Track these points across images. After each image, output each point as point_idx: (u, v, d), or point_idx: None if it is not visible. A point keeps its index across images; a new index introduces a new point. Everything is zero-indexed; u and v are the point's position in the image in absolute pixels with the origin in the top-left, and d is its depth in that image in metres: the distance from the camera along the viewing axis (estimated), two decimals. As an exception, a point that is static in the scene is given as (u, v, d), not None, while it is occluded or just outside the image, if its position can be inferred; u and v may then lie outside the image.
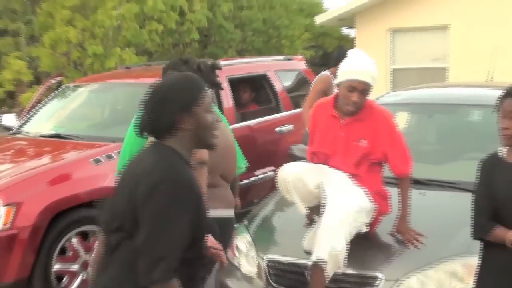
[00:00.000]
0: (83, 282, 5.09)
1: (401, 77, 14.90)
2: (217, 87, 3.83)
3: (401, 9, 14.67)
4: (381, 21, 14.95)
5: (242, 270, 3.97)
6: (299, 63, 7.95)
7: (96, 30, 13.75)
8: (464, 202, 3.94)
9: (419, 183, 4.17)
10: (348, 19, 15.65)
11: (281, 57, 7.97)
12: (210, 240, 3.08)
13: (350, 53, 3.94)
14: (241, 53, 18.42)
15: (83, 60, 14.35)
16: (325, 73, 6.51)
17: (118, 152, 5.20)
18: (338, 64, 6.00)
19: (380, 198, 3.73)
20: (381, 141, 3.72)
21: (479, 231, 3.10)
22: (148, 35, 14.55)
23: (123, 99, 6.58)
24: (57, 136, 6.02)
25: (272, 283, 3.74)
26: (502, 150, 3.19)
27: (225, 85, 6.32)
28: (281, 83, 7.22)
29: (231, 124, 6.10)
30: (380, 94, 9.48)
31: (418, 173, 4.28)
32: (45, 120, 6.63)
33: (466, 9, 13.81)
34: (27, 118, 6.91)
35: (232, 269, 4.03)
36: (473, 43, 13.44)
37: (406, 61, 15.00)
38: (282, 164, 5.70)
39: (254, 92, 7.26)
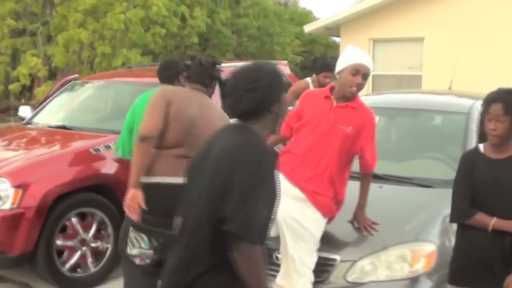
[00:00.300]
0: (81, 256, 5.17)
1: (380, 83, 14.98)
2: (218, 80, 3.86)
3: (382, 21, 14.75)
4: (364, 31, 15.03)
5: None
6: (283, 68, 7.96)
7: (105, 32, 13.89)
8: (416, 196, 4.10)
9: (378, 177, 4.24)
10: (334, 29, 15.73)
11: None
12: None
13: (348, 47, 3.81)
14: (238, 57, 18.53)
15: (92, 59, 14.48)
16: (306, 79, 6.57)
17: (115, 143, 5.32)
18: (321, 72, 6.08)
19: (336, 204, 3.69)
20: (364, 134, 3.67)
21: (461, 216, 3.28)
22: (152, 38, 14.67)
23: (123, 96, 6.65)
24: (63, 127, 6.09)
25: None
26: (482, 146, 3.36)
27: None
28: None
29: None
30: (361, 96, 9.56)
31: (377, 169, 4.41)
32: (53, 112, 6.68)
33: (438, 24, 13.92)
34: (38, 110, 6.97)
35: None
36: (443, 53, 13.53)
37: (386, 68, 15.05)
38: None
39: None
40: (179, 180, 3.10)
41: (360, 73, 3.59)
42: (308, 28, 16.08)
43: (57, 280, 5.03)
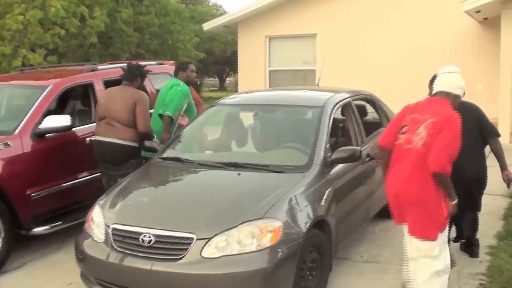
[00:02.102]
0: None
1: (277, 78, 15.64)
2: (141, 76, 6.22)
3: (277, 19, 15.39)
4: (260, 29, 15.62)
5: (94, 237, 4.40)
6: (170, 68, 8.27)
7: (4, 33, 13.77)
8: (269, 180, 4.64)
9: (238, 166, 4.81)
10: (232, 27, 16.23)
11: (154, 62, 8.25)
12: None
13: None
14: (139, 55, 18.70)
15: (-8, 59, 14.34)
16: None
17: (4, 144, 5.56)
18: (188, 68, 6.69)
19: None
20: None
21: None
22: (51, 38, 14.67)
23: (15, 98, 6.86)
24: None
25: (115, 247, 4.20)
26: None
27: (101, 86, 6.75)
28: (152, 84, 7.57)
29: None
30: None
31: (239, 159, 4.95)
32: None
33: (329, 21, 14.73)
34: None
35: (88, 237, 4.48)
36: (334, 48, 14.34)
37: (281, 64, 15.71)
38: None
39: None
40: (105, 138, 5.82)
41: None
42: (207, 26, 16.50)
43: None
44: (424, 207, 3.90)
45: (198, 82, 25.18)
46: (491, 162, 5.30)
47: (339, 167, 5.11)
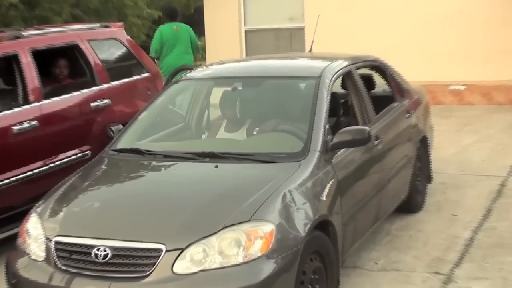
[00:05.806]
0: None
1: (255, 39, 15.56)
2: None
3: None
4: (231, -22, 15.55)
5: (31, 255, 4.37)
6: (119, 31, 8.22)
7: None
8: (255, 173, 4.70)
9: (216, 156, 4.84)
10: (194, -23, 16.16)
11: (97, 25, 8.12)
12: None
13: None
14: (76, 17, 18.51)
15: None
16: None
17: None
18: None
19: None
20: None
21: None
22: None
23: None
24: None
25: (60, 266, 4.18)
26: None
27: (29, 59, 6.66)
28: (96, 54, 7.51)
29: (37, 100, 6.51)
30: (233, 57, 10.20)
31: (216, 147, 4.98)
32: None
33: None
34: None
35: (23, 255, 4.45)
36: (327, 2, 14.32)
37: (260, 22, 15.58)
38: (99, 141, 6.16)
39: (64, 64, 7.58)
40: None
41: None
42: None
43: None
44: None
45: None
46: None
47: (344, 153, 5.16)
